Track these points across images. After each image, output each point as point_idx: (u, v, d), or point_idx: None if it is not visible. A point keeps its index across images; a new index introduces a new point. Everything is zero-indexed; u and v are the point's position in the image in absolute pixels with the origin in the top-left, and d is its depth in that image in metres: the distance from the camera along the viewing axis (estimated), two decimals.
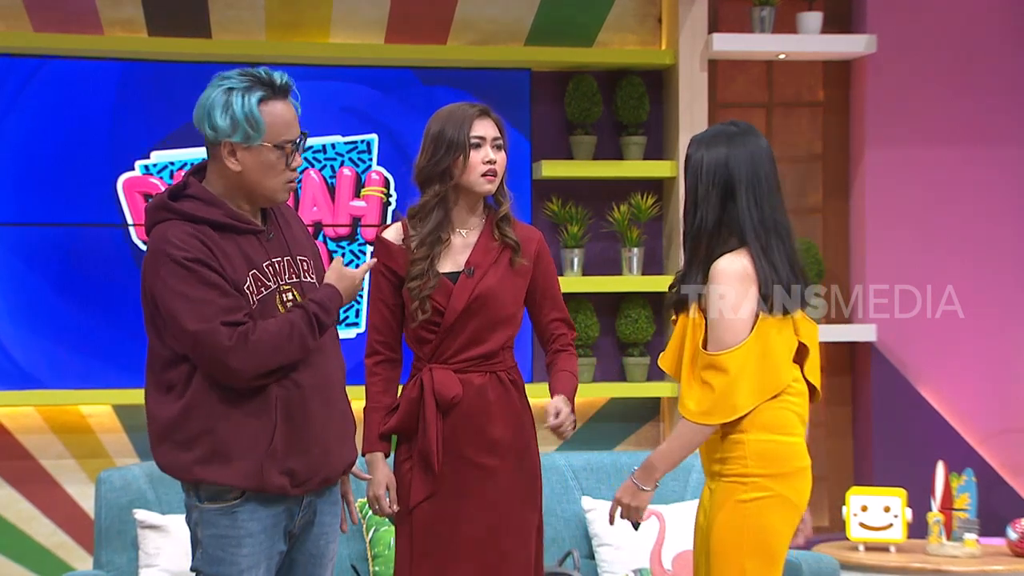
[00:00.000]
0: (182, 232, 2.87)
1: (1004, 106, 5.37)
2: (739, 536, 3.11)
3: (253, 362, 2.83)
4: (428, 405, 3.33)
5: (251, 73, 2.91)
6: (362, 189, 5.11)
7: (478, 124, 3.36)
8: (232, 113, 2.86)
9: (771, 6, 5.18)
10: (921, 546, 4.67)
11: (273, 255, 2.97)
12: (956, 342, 5.35)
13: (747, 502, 3.10)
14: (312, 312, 2.90)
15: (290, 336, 2.86)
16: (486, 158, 3.36)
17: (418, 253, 3.34)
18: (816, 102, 5.51)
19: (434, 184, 3.36)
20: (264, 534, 2.92)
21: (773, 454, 3.11)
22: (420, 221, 3.37)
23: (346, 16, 5.11)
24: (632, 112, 5.19)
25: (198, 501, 2.93)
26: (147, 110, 4.91)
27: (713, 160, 3.13)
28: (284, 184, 2.94)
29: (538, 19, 5.20)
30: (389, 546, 4.34)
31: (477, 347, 3.36)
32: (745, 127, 3.20)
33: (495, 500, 3.35)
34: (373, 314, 3.42)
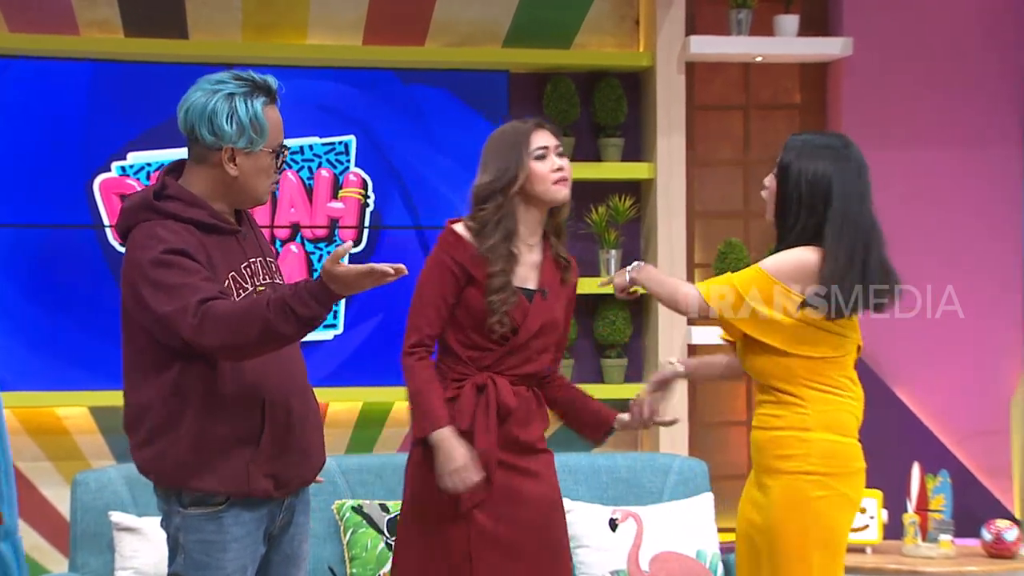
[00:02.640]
0: (165, 230, 2.85)
1: (979, 108, 5.39)
2: (806, 532, 3.18)
3: (216, 339, 2.75)
4: (492, 412, 3.35)
5: (246, 77, 2.91)
6: (340, 190, 5.10)
7: (536, 136, 3.40)
8: (238, 119, 2.86)
9: (748, 9, 5.19)
10: (897, 547, 4.69)
11: (250, 256, 2.96)
12: (933, 343, 5.36)
13: (817, 499, 3.19)
14: (284, 297, 2.73)
15: (250, 318, 2.73)
16: (554, 166, 3.38)
17: (496, 266, 3.34)
18: (793, 104, 5.52)
19: (495, 198, 3.36)
20: (249, 538, 2.93)
21: (836, 454, 3.22)
22: (483, 236, 3.36)
23: (324, 17, 5.09)
24: (610, 114, 5.19)
25: (180, 506, 2.91)
26: (123, 111, 4.88)
27: (818, 172, 3.24)
28: (270, 187, 2.95)
29: (516, 21, 5.20)
30: (366, 548, 4.34)
31: (532, 365, 3.42)
32: (846, 140, 3.35)
33: (539, 500, 3.41)
34: (429, 308, 3.39)
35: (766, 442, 3.26)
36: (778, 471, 3.23)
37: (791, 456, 3.21)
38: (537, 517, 3.41)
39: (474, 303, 3.36)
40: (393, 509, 4.43)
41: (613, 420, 3.51)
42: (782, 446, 3.23)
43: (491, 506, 3.35)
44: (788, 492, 3.21)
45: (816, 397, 3.23)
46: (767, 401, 3.29)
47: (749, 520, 3.30)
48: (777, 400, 3.26)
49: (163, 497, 2.95)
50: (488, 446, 3.35)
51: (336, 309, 5.05)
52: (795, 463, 3.21)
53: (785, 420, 3.24)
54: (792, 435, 3.22)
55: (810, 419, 3.22)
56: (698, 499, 4.56)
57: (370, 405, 5.12)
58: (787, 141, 3.34)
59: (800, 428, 3.22)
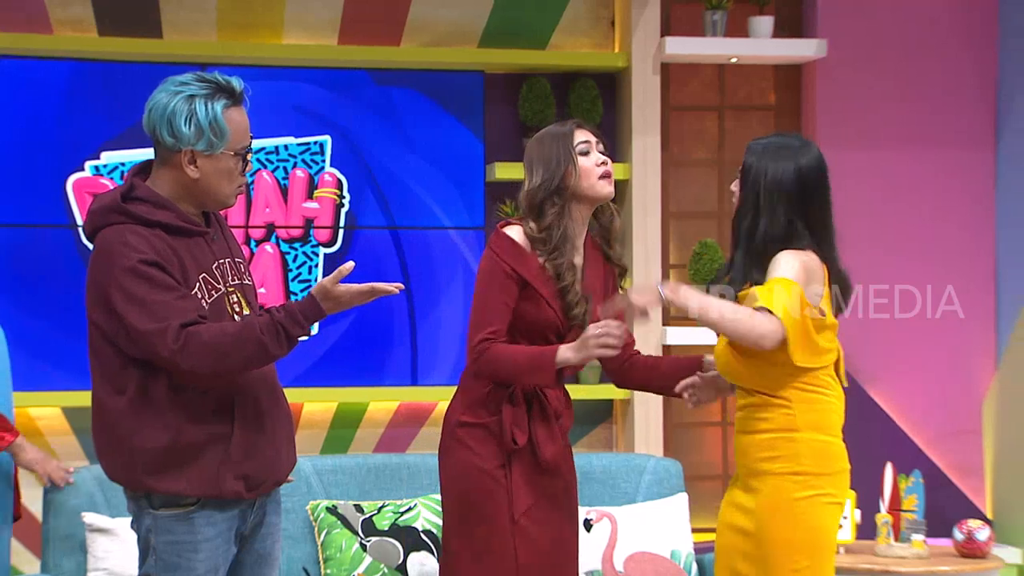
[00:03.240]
0: (136, 235, 2.84)
1: (952, 109, 5.42)
2: (792, 534, 3.16)
3: (201, 364, 2.78)
4: (551, 418, 3.36)
5: (210, 79, 2.88)
6: (315, 191, 5.08)
7: (578, 132, 3.39)
8: (197, 121, 2.84)
9: (723, 10, 5.20)
10: (870, 547, 4.70)
11: (219, 257, 2.95)
12: (906, 344, 5.38)
13: (801, 500, 3.16)
14: (278, 320, 2.79)
15: (243, 341, 2.77)
16: (598, 160, 3.38)
17: (567, 279, 3.32)
18: (767, 105, 5.53)
19: (552, 201, 3.33)
20: (220, 538, 2.92)
21: (824, 453, 3.20)
22: (547, 243, 3.33)
23: (299, 17, 5.07)
24: (585, 114, 5.19)
25: (151, 507, 2.90)
26: (97, 110, 4.86)
27: (779, 173, 3.22)
28: (236, 190, 2.93)
29: (491, 21, 5.19)
30: (341, 548, 4.33)
31: (571, 368, 3.38)
32: (804, 140, 3.31)
33: (571, 494, 3.44)
34: (495, 318, 3.32)
35: (751, 445, 3.23)
36: (765, 473, 3.20)
37: (778, 457, 3.19)
38: (571, 508, 3.45)
39: (525, 311, 3.33)
40: (368, 509, 4.42)
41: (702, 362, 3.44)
42: (769, 448, 3.20)
43: (537, 511, 3.36)
44: (775, 494, 3.18)
45: (802, 397, 3.20)
46: (751, 404, 3.26)
47: (733, 524, 3.25)
48: (763, 402, 3.22)
49: (133, 499, 2.94)
50: (554, 455, 3.36)
51: None
52: (782, 464, 3.18)
53: (772, 422, 3.21)
54: (779, 436, 3.20)
55: (797, 419, 3.19)
56: (672, 499, 4.56)
57: (345, 406, 5.11)
58: (748, 145, 3.33)
59: (788, 429, 3.19)
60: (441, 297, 5.15)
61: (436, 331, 5.14)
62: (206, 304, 2.87)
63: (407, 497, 4.52)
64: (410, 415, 5.19)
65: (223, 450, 2.87)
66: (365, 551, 4.33)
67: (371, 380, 5.10)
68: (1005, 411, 5.26)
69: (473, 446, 3.36)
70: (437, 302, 5.14)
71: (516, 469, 3.34)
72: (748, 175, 3.26)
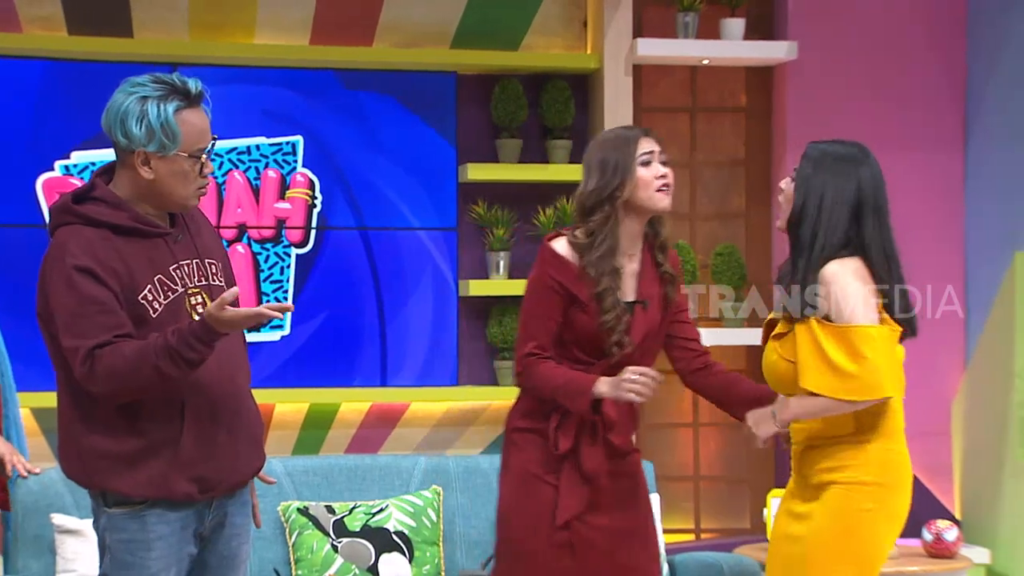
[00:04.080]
0: (80, 238, 2.84)
1: (922, 112, 5.44)
2: (845, 544, 3.10)
3: (106, 388, 2.80)
4: (599, 432, 3.32)
5: (164, 80, 2.87)
6: (287, 191, 5.06)
7: (643, 142, 3.35)
8: (148, 123, 2.82)
9: (695, 12, 5.21)
10: None
11: (181, 258, 2.93)
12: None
13: (865, 512, 3.11)
14: (170, 344, 2.76)
15: (139, 366, 2.76)
16: (658, 173, 3.33)
17: (603, 284, 3.28)
18: (739, 107, 5.54)
19: (602, 208, 3.30)
20: (173, 537, 2.90)
21: (892, 463, 3.15)
22: (590, 249, 3.30)
23: (271, 17, 5.05)
24: (558, 116, 5.20)
25: (105, 506, 2.89)
26: (68, 110, 4.83)
27: (842, 186, 3.18)
28: (195, 191, 2.91)
29: (464, 22, 5.19)
30: (312, 550, 4.31)
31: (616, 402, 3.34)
32: (864, 148, 3.27)
33: (634, 501, 3.40)
34: (539, 332, 3.31)
35: (814, 453, 3.17)
36: (830, 483, 3.13)
37: (845, 467, 3.12)
38: (635, 517, 3.40)
39: (576, 322, 3.30)
40: (339, 510, 4.41)
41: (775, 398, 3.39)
42: (833, 456, 3.14)
43: (588, 516, 3.33)
44: (840, 503, 3.11)
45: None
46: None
47: (786, 534, 3.20)
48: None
49: (92, 498, 2.94)
50: (596, 466, 3.33)
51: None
52: (849, 473, 3.12)
53: (837, 428, 3.15)
54: (849, 444, 3.13)
55: (866, 424, 3.13)
56: None
57: (317, 407, 5.10)
58: (806, 149, 3.27)
59: (857, 436, 3.13)
60: (410, 298, 5.14)
61: (405, 332, 5.13)
62: (160, 305, 2.86)
63: (379, 498, 4.51)
64: (382, 416, 5.19)
65: (172, 452, 2.85)
66: (336, 552, 4.32)
67: (341, 380, 5.09)
68: (973, 412, 5.28)
69: (525, 448, 3.36)
70: (406, 303, 5.13)
71: (566, 475, 3.32)
72: (807, 184, 3.21)
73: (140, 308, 2.85)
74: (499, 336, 5.16)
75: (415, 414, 5.21)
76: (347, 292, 5.09)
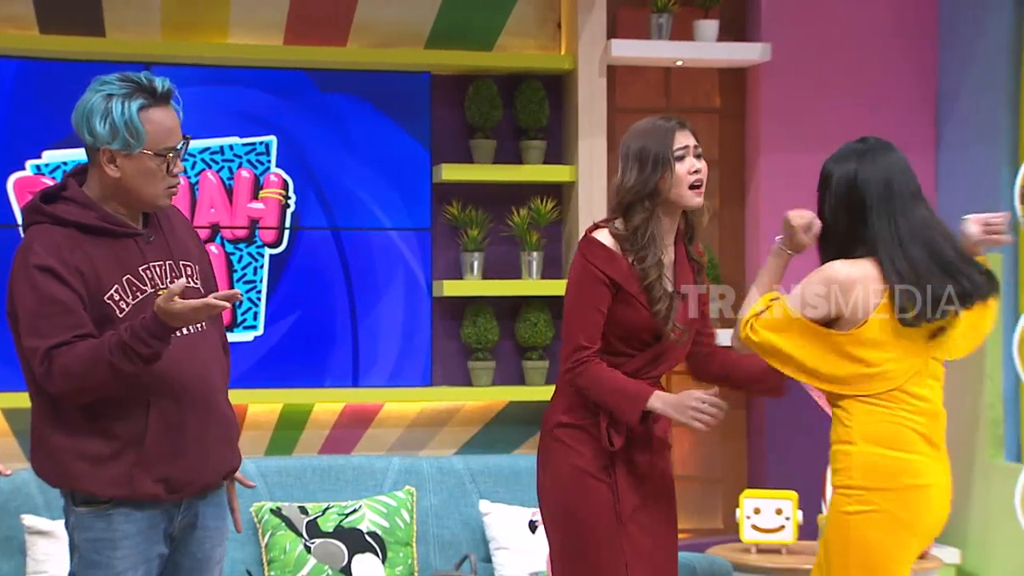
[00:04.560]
0: (47, 238, 2.84)
1: (893, 114, 5.46)
2: (845, 548, 3.11)
3: (63, 387, 2.80)
4: (649, 424, 3.32)
5: (132, 78, 2.86)
6: (260, 191, 5.03)
7: (680, 136, 3.34)
8: (112, 120, 2.82)
9: (669, 13, 5.21)
10: (811, 547, 4.71)
11: (152, 259, 2.92)
12: None
13: (851, 515, 3.11)
14: (123, 340, 2.76)
15: (94, 364, 2.77)
16: (692, 168, 3.32)
17: (651, 276, 3.29)
18: (712, 108, 5.55)
19: (644, 203, 3.30)
20: (140, 536, 2.90)
21: (880, 468, 3.12)
22: (634, 243, 3.30)
23: (244, 17, 5.03)
24: (532, 116, 5.19)
25: (73, 505, 2.90)
26: (39, 109, 4.79)
27: (843, 177, 3.19)
28: (165, 190, 2.90)
29: (438, 22, 5.17)
30: (285, 550, 4.30)
31: (666, 367, 3.39)
32: (875, 142, 3.24)
33: (670, 495, 3.43)
34: (588, 323, 3.29)
35: (831, 458, 3.22)
36: (832, 485, 3.20)
37: (837, 471, 3.16)
38: (669, 511, 3.43)
39: (621, 314, 3.30)
40: (312, 511, 4.38)
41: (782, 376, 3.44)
42: (833, 461, 3.18)
43: (642, 511, 3.35)
44: (832, 507, 3.16)
45: (860, 409, 3.15)
46: (834, 416, 3.25)
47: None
48: (834, 415, 3.21)
49: (62, 497, 2.95)
50: (647, 457, 3.34)
51: (256, 310, 4.99)
52: (839, 477, 3.16)
53: (834, 433, 3.19)
54: (838, 449, 3.17)
55: (853, 431, 3.14)
56: None
57: (290, 407, 5.08)
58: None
59: (844, 441, 3.16)
60: (382, 298, 5.12)
61: (377, 332, 5.11)
62: (128, 306, 2.86)
63: (352, 499, 4.50)
64: (355, 417, 5.17)
65: (136, 452, 2.85)
66: (309, 553, 4.30)
67: (313, 380, 5.07)
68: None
69: (575, 446, 3.34)
70: (378, 302, 5.11)
71: (619, 470, 3.32)
72: (820, 179, 3.27)
73: (106, 308, 2.84)
74: (473, 336, 5.15)
75: (389, 415, 5.20)
76: (320, 292, 5.07)
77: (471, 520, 4.60)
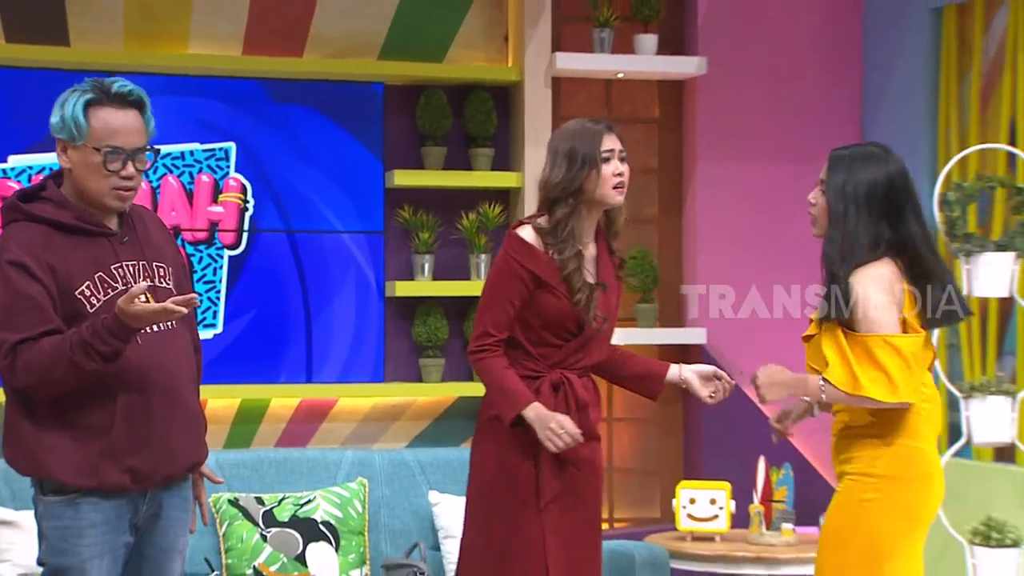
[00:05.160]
0: (22, 234, 2.88)
1: (819, 126, 5.50)
2: (850, 536, 3.11)
3: (26, 382, 2.83)
4: (572, 408, 3.37)
5: (97, 81, 2.93)
6: (220, 195, 5.06)
7: (607, 139, 3.39)
8: (62, 113, 2.89)
9: (610, 28, 5.28)
10: (743, 535, 4.77)
11: (125, 258, 2.94)
12: (779, 344, 5.41)
13: (864, 502, 3.11)
14: (84, 339, 2.79)
15: (56, 361, 2.80)
16: (616, 170, 3.39)
17: (570, 267, 3.34)
18: (651, 119, 5.59)
19: (568, 199, 3.35)
20: (106, 525, 2.91)
21: (906, 458, 3.13)
22: (555, 236, 3.35)
23: (204, 28, 5.05)
24: (480, 125, 5.24)
25: (42, 494, 2.91)
26: (5, 116, 4.79)
27: (866, 181, 3.15)
28: (110, 189, 2.91)
29: (391, 35, 5.21)
30: (242, 539, 4.32)
31: (594, 356, 3.43)
32: (886, 148, 3.23)
33: (597, 486, 3.45)
34: (498, 313, 3.35)
35: (835, 447, 3.20)
36: (842, 474, 3.18)
37: (855, 458, 3.15)
38: (596, 503, 3.45)
39: (545, 305, 3.36)
40: (268, 502, 4.42)
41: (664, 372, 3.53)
42: (850, 448, 3.16)
43: (565, 498, 3.37)
44: (844, 493, 3.15)
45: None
46: (841, 409, 3.21)
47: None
48: (847, 407, 3.17)
49: (33, 486, 2.95)
50: (573, 448, 3.36)
51: (215, 309, 5.02)
52: (857, 465, 3.14)
53: (855, 423, 3.17)
54: (862, 437, 3.15)
55: (882, 423, 3.12)
56: None
57: (248, 402, 5.10)
58: (829, 156, 3.25)
59: (874, 434, 3.14)
60: (335, 297, 5.16)
61: (330, 330, 5.15)
62: (98, 302, 2.88)
63: (307, 490, 4.52)
64: (310, 411, 5.19)
65: (103, 443, 2.87)
66: (266, 541, 4.33)
67: (270, 376, 5.09)
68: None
69: (502, 439, 3.38)
70: (331, 302, 5.16)
71: (544, 459, 3.35)
72: (834, 188, 3.19)
73: (77, 303, 2.86)
74: (424, 335, 5.19)
75: (342, 409, 5.22)
76: (276, 292, 5.11)
77: (421, 510, 4.62)
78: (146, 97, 2.96)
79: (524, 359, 3.39)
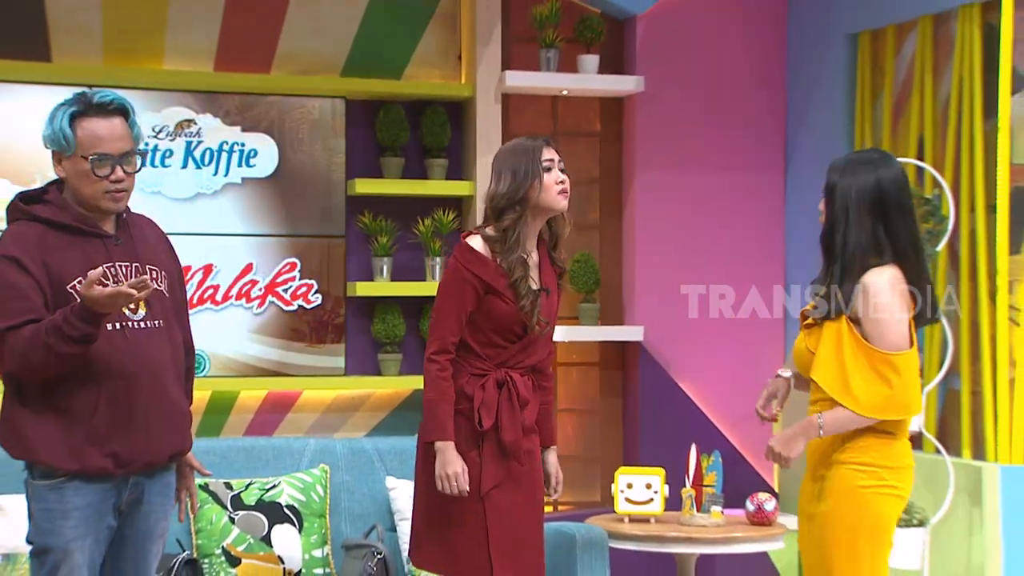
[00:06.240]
0: (19, 232, 2.92)
1: (749, 138, 5.56)
2: (857, 520, 3.12)
3: (11, 366, 2.87)
4: (516, 407, 3.42)
5: (82, 93, 2.98)
6: None
7: (546, 151, 3.46)
8: (52, 127, 2.94)
9: (556, 49, 5.33)
10: (676, 517, 4.72)
11: (118, 259, 2.97)
12: (710, 341, 5.51)
13: (867, 488, 3.12)
14: (56, 324, 2.81)
15: (34, 345, 2.83)
16: (558, 179, 3.45)
17: (517, 273, 3.39)
18: (594, 132, 5.64)
19: (513, 208, 3.41)
20: (90, 508, 2.94)
21: (894, 448, 3.17)
22: (503, 244, 3.41)
23: (178, 45, 5.06)
24: (435, 138, 5.28)
25: (31, 478, 2.96)
26: None
27: (863, 185, 3.13)
28: (103, 193, 2.94)
29: (352, 53, 5.25)
30: (211, 522, 4.33)
31: (536, 356, 3.49)
32: (884, 153, 3.24)
33: (537, 478, 3.51)
34: (451, 319, 3.40)
35: (826, 442, 3.16)
36: (834, 463, 3.15)
37: (847, 448, 3.14)
38: (536, 492, 3.51)
39: (494, 309, 3.41)
40: (236, 486, 4.44)
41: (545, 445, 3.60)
42: (842, 446, 3.15)
43: (505, 486, 3.43)
44: (842, 481, 3.13)
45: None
46: (823, 399, 3.19)
47: (806, 513, 3.23)
48: (833, 403, 3.16)
49: (25, 470, 2.99)
50: (516, 437, 3.44)
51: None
52: (852, 454, 3.13)
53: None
54: (854, 434, 3.14)
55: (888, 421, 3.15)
56: None
57: (218, 393, 5.11)
58: (831, 164, 3.21)
59: (883, 431, 3.14)
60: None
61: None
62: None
63: (272, 475, 4.53)
64: (277, 403, 5.22)
65: (87, 428, 2.90)
66: (233, 523, 4.34)
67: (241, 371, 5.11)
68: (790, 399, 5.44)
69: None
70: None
71: (487, 450, 3.42)
72: (834, 192, 3.17)
73: (69, 297, 2.89)
74: (383, 332, 5.23)
75: (307, 401, 5.25)
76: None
77: (378, 495, 4.63)
78: (129, 104, 2.99)
79: (472, 359, 3.45)
